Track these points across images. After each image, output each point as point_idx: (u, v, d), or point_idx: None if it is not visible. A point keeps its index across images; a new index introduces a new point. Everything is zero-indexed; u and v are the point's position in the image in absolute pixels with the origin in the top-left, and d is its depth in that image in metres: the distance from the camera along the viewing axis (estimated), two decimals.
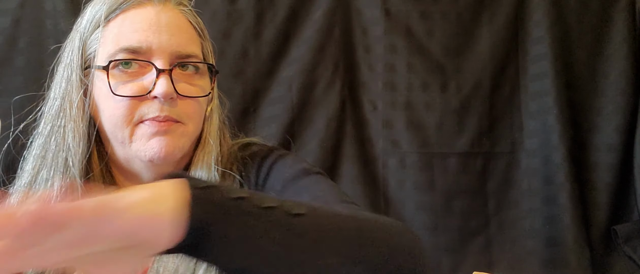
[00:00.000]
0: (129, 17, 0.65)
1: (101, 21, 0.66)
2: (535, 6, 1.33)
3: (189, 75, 0.68)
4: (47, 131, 0.68)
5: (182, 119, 0.66)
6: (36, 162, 0.68)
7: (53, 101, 0.69)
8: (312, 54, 1.29)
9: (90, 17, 0.67)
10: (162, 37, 0.65)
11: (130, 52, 0.64)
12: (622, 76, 1.32)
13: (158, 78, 0.63)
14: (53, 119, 0.67)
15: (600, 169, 1.32)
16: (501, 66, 1.35)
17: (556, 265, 1.28)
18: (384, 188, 1.31)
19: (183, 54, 0.66)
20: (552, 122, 1.31)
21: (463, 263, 1.29)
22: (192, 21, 0.71)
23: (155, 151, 0.64)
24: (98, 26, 0.66)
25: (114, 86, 0.64)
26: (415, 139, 1.31)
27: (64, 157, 0.65)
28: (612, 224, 1.32)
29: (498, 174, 1.34)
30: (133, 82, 0.65)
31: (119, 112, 0.64)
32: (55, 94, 0.69)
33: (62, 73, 0.69)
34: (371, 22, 1.33)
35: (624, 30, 1.33)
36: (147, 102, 0.64)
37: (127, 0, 0.66)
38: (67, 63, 0.68)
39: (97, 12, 0.67)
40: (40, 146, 0.68)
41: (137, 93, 0.64)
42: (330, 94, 1.30)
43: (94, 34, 0.66)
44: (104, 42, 0.65)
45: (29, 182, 0.67)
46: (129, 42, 0.64)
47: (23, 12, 1.25)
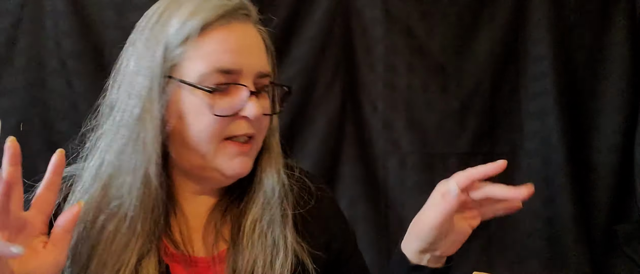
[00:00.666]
0: (220, 37, 0.67)
1: (191, 35, 0.66)
2: (535, 7, 1.34)
3: (265, 93, 0.73)
4: (125, 137, 0.67)
5: (256, 135, 0.71)
6: (107, 168, 0.68)
7: (127, 107, 0.68)
8: (312, 54, 1.29)
9: (177, 28, 0.66)
10: (250, 58, 0.69)
11: (223, 73, 0.66)
12: (622, 77, 1.33)
13: (250, 99, 0.67)
14: (131, 127, 0.67)
15: (601, 170, 1.33)
16: (501, 67, 1.35)
17: (556, 265, 1.28)
18: (384, 189, 1.32)
19: (264, 74, 0.70)
20: (552, 122, 1.31)
21: (463, 263, 1.29)
22: (265, 38, 0.74)
23: (237, 171, 0.69)
24: (186, 39, 0.66)
25: (212, 106, 0.66)
26: (416, 140, 1.31)
27: (144, 166, 0.66)
28: (612, 224, 1.32)
29: (498, 174, 1.34)
30: (223, 100, 0.67)
31: (211, 129, 0.67)
32: (129, 99, 0.68)
33: (137, 79, 0.68)
34: (371, 22, 1.33)
35: (624, 31, 1.33)
36: (235, 120, 0.68)
37: (219, 18, 0.67)
38: (147, 72, 0.67)
39: (185, 25, 0.66)
40: (113, 151, 0.68)
41: (231, 113, 0.67)
42: (331, 95, 1.30)
43: (182, 47, 0.66)
44: (193, 57, 0.66)
45: (103, 187, 0.68)
46: (222, 63, 0.66)
47: (23, 12, 1.25)
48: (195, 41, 0.66)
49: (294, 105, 1.28)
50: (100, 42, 1.25)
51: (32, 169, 1.28)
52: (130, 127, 0.67)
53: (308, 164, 1.28)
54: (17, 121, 1.23)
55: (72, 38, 1.24)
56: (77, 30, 1.24)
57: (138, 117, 0.66)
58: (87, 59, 1.24)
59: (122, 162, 0.67)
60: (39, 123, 1.23)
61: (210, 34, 0.66)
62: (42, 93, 1.24)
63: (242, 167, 0.70)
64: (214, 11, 0.66)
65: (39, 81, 1.24)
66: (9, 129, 1.22)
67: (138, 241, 0.66)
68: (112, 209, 0.66)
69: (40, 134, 1.23)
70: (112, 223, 0.66)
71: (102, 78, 1.23)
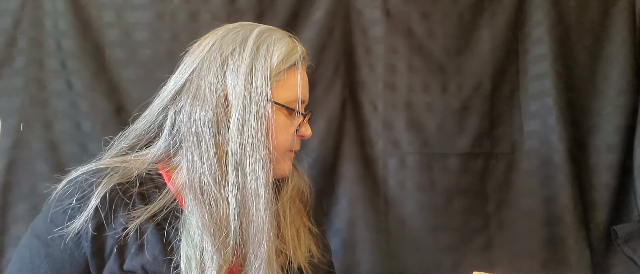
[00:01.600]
0: (301, 73, 0.85)
1: (283, 69, 0.82)
2: (535, 7, 1.34)
3: None
4: (251, 142, 0.79)
5: None
6: (235, 168, 0.79)
7: (248, 119, 0.79)
8: (312, 54, 1.29)
9: (278, 58, 0.82)
10: (308, 93, 0.87)
11: (301, 103, 0.85)
12: (622, 77, 1.33)
13: (306, 122, 0.87)
14: (253, 134, 0.79)
15: (600, 170, 1.33)
16: (501, 67, 1.35)
17: (556, 265, 1.28)
18: (384, 189, 1.32)
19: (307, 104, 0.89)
20: (552, 122, 1.31)
21: (463, 263, 1.29)
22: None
23: (286, 171, 0.88)
24: (282, 69, 0.82)
25: (297, 125, 0.85)
26: (416, 140, 1.31)
27: (268, 162, 0.79)
28: (612, 224, 1.32)
29: (498, 174, 1.34)
30: (295, 122, 0.85)
31: (287, 144, 0.84)
32: (250, 113, 0.79)
33: (255, 96, 0.79)
34: (371, 22, 1.33)
35: (624, 31, 1.33)
36: (297, 137, 0.86)
37: (299, 58, 0.84)
38: (260, 91, 0.79)
39: (280, 60, 0.82)
40: (242, 150, 0.79)
41: (300, 132, 0.86)
42: (331, 95, 1.30)
43: (279, 74, 0.82)
44: (284, 84, 0.82)
45: (236, 173, 0.78)
46: (303, 96, 0.85)
47: (23, 13, 1.25)
48: (285, 74, 0.82)
49: None
50: (100, 42, 1.25)
51: (32, 169, 1.30)
52: (253, 139, 0.79)
53: (308, 163, 1.28)
54: (17, 121, 1.23)
55: (72, 38, 1.24)
56: (77, 30, 1.24)
57: (256, 128, 0.79)
58: (87, 59, 1.24)
59: (245, 165, 0.79)
60: (39, 123, 1.23)
61: (295, 71, 0.84)
62: (42, 93, 1.24)
63: (290, 168, 0.89)
64: (299, 54, 0.84)
65: (39, 81, 1.24)
66: (9, 129, 1.22)
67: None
68: (252, 205, 0.78)
69: (40, 134, 1.23)
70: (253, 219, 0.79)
71: (102, 78, 1.25)
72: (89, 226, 0.73)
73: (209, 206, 0.77)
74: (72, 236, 0.74)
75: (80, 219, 0.73)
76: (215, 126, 0.79)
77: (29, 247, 0.76)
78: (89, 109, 1.24)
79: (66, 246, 0.74)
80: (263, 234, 0.77)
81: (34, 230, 0.78)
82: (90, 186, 0.75)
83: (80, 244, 0.74)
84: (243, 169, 0.78)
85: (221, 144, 0.79)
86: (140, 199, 0.77)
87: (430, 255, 1.30)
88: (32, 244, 0.76)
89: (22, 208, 1.22)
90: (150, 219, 0.76)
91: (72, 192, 0.75)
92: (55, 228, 0.74)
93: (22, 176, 1.22)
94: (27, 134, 1.22)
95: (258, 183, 0.78)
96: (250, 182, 0.78)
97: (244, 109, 0.78)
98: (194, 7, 1.27)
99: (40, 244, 0.75)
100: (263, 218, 0.77)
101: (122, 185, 0.77)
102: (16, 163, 1.22)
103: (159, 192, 0.79)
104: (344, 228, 1.28)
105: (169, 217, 0.77)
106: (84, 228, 0.73)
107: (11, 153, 1.22)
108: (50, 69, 1.24)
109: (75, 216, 0.74)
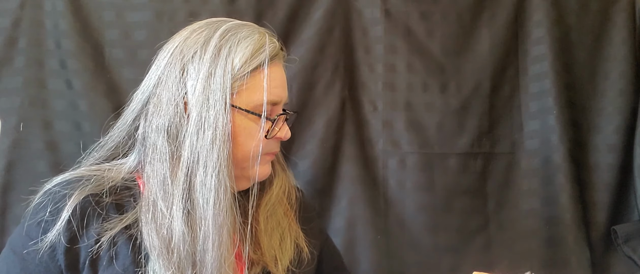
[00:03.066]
0: (272, 73, 0.79)
1: (250, 71, 0.77)
2: (535, 7, 1.34)
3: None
4: (198, 146, 0.75)
5: None
6: (186, 170, 0.75)
7: (204, 129, 0.75)
8: (312, 54, 1.29)
9: (241, 60, 0.77)
10: (284, 92, 0.83)
11: (271, 105, 0.80)
12: (622, 77, 1.33)
13: (283, 124, 0.83)
14: (208, 145, 0.75)
15: (600, 170, 1.32)
16: (501, 67, 1.35)
17: (556, 265, 1.28)
18: (384, 188, 1.32)
19: (286, 104, 0.85)
20: (552, 122, 1.31)
21: (463, 263, 1.29)
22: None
23: (264, 174, 0.83)
24: (246, 72, 0.77)
25: (265, 130, 0.79)
26: (416, 140, 1.31)
27: (216, 170, 0.75)
28: (612, 224, 1.32)
29: (498, 174, 1.34)
30: (267, 126, 0.80)
31: (256, 149, 0.79)
32: (207, 122, 0.75)
33: (213, 104, 0.75)
34: (371, 22, 1.33)
35: (624, 31, 1.33)
36: (274, 140, 0.82)
37: (268, 57, 0.79)
38: (218, 96, 0.75)
39: (244, 61, 0.77)
40: (195, 162, 0.75)
41: (272, 135, 0.81)
42: (330, 95, 1.30)
43: (242, 78, 0.77)
44: (249, 87, 0.77)
45: (188, 187, 0.75)
46: (272, 97, 0.79)
47: (23, 13, 1.25)
48: (253, 74, 0.77)
49: (293, 105, 1.28)
50: (100, 42, 1.25)
51: (32, 169, 1.30)
52: (207, 146, 0.74)
53: (308, 163, 1.28)
54: (17, 121, 1.22)
55: (71, 38, 1.24)
56: (77, 30, 1.24)
57: (212, 137, 0.75)
58: (87, 59, 1.24)
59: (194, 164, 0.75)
60: (39, 123, 1.23)
61: (264, 71, 0.78)
62: (42, 93, 1.24)
63: (268, 172, 0.85)
64: (268, 53, 0.79)
65: (39, 80, 1.24)
66: (9, 129, 1.22)
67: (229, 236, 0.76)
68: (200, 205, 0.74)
69: (40, 134, 1.23)
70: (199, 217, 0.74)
71: (102, 78, 1.25)
72: (61, 238, 0.72)
73: (156, 224, 0.73)
74: (46, 249, 0.72)
75: (53, 232, 0.72)
76: (173, 137, 0.75)
77: (6, 261, 0.75)
78: (88, 109, 1.24)
79: (41, 259, 0.72)
80: (208, 253, 0.73)
81: (11, 244, 0.76)
82: (62, 198, 0.73)
83: (55, 257, 0.73)
84: (193, 184, 0.74)
85: (176, 157, 0.75)
86: (114, 209, 0.76)
87: (430, 255, 1.29)
88: (8, 258, 0.75)
89: (21, 208, 1.21)
90: (125, 230, 0.74)
91: (46, 205, 0.73)
92: (30, 242, 0.73)
93: (22, 176, 1.22)
94: (27, 134, 1.22)
95: (209, 200, 0.73)
96: (200, 199, 0.73)
97: (200, 118, 0.74)
98: (194, 7, 1.27)
99: (16, 259, 0.74)
100: (211, 239, 0.73)
101: (95, 196, 0.75)
102: (16, 163, 1.22)
103: (134, 202, 0.77)
104: (344, 227, 1.28)
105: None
106: (58, 241, 0.72)
107: (11, 153, 1.22)
108: (49, 68, 1.24)
109: (49, 229, 0.72)
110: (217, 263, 0.73)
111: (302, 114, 1.30)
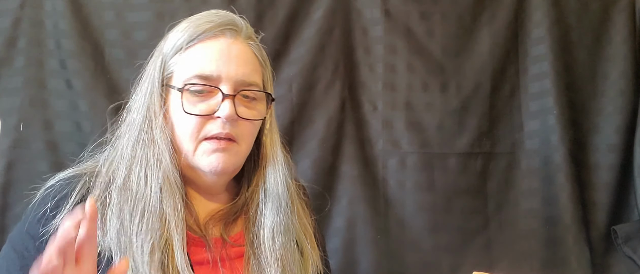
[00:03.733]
0: (205, 47, 0.76)
1: (182, 47, 0.76)
2: (535, 7, 1.34)
3: (249, 101, 0.79)
4: (135, 136, 0.76)
5: (238, 139, 0.77)
6: (128, 163, 0.75)
7: (137, 112, 0.77)
8: (312, 54, 1.29)
9: (172, 42, 0.77)
10: (230, 67, 0.76)
11: (202, 79, 0.75)
12: (622, 77, 1.33)
13: (223, 101, 0.74)
14: (140, 125, 0.75)
15: (600, 170, 1.32)
16: (501, 67, 1.35)
17: (556, 265, 1.28)
18: (384, 188, 1.31)
19: (246, 83, 0.77)
20: (552, 122, 1.31)
21: (463, 263, 1.29)
22: (257, 54, 0.81)
23: (214, 166, 0.76)
24: (178, 51, 0.76)
25: (186, 105, 0.74)
26: (415, 140, 1.31)
27: (156, 156, 0.74)
28: (612, 224, 1.32)
29: (498, 174, 1.34)
30: (202, 103, 0.75)
31: (188, 128, 0.75)
32: (139, 105, 0.77)
33: (145, 88, 0.78)
34: (371, 22, 1.33)
35: (624, 31, 1.33)
36: (211, 121, 0.75)
37: (206, 32, 0.76)
38: (150, 80, 0.77)
39: (178, 39, 0.77)
40: (128, 149, 0.76)
41: (204, 113, 0.75)
42: (330, 95, 1.30)
43: (174, 57, 0.76)
44: (181, 66, 0.76)
45: (124, 180, 0.74)
46: (202, 70, 0.75)
47: (23, 12, 1.25)
48: (185, 52, 0.76)
49: (293, 105, 1.28)
50: (100, 42, 1.25)
51: (32, 169, 1.30)
52: (140, 126, 0.75)
53: (307, 163, 1.28)
54: (17, 121, 1.22)
55: (71, 38, 1.24)
56: (77, 30, 1.24)
57: (144, 117, 0.75)
58: (87, 59, 1.24)
59: (136, 155, 0.75)
60: (39, 123, 1.23)
61: (197, 45, 0.76)
62: (42, 93, 1.24)
63: (219, 163, 0.76)
64: (203, 26, 0.76)
65: (39, 80, 1.24)
66: (9, 129, 1.22)
67: (165, 223, 0.72)
68: (137, 197, 0.72)
69: (40, 134, 1.23)
70: (139, 209, 0.72)
71: (102, 78, 1.25)
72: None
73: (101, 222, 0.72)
74: (45, 246, 0.71)
75: (52, 229, 0.70)
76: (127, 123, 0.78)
77: (6, 258, 0.75)
78: (88, 109, 1.24)
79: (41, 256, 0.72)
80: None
81: (11, 241, 0.76)
82: (63, 196, 0.73)
83: None
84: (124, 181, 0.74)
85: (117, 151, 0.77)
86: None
87: (430, 255, 1.29)
88: (8, 255, 0.75)
89: (22, 207, 1.21)
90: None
91: (46, 201, 0.73)
92: (29, 239, 0.73)
93: (22, 176, 1.21)
94: (27, 134, 1.22)
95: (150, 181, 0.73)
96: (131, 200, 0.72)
97: (138, 102, 0.77)
98: (194, 7, 1.27)
99: (15, 257, 0.73)
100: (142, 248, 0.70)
101: (96, 191, 0.75)
102: (16, 163, 1.22)
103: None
104: (344, 227, 1.28)
105: None
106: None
107: (11, 153, 1.21)
108: (49, 68, 1.24)
109: (48, 226, 0.71)
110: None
111: (302, 114, 1.30)
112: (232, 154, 0.77)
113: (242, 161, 0.81)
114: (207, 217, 0.81)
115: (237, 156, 0.78)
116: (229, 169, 0.78)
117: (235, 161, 0.78)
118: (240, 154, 0.79)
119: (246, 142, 0.79)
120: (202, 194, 0.82)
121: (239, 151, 0.78)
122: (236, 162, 0.79)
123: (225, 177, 0.82)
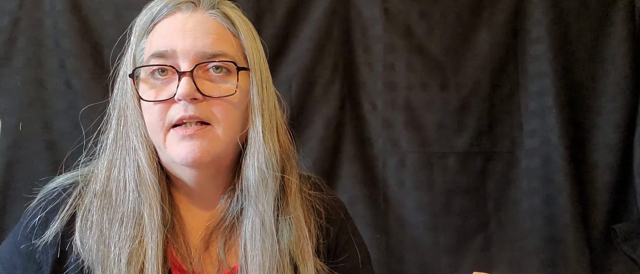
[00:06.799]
0: (161, 26, 0.68)
1: (143, 34, 0.69)
2: (534, 6, 1.34)
3: (218, 76, 0.67)
4: (112, 136, 0.70)
5: (211, 120, 0.66)
6: (107, 166, 0.70)
7: (113, 109, 0.71)
8: (311, 53, 1.29)
9: (136, 30, 0.70)
10: (186, 41, 0.66)
11: (157, 57, 0.66)
12: (622, 76, 1.33)
13: (180, 80, 0.64)
14: (116, 124, 0.70)
15: (600, 169, 1.33)
16: (501, 66, 1.35)
17: (556, 265, 1.28)
18: (384, 188, 1.31)
19: (208, 54, 0.66)
20: (551, 121, 1.31)
21: (463, 263, 1.29)
22: (224, 23, 0.70)
23: (183, 156, 0.65)
24: (142, 39, 0.69)
25: (144, 92, 0.67)
26: (415, 139, 1.31)
27: (131, 156, 0.68)
28: (611, 223, 1.32)
29: (498, 173, 1.34)
30: (163, 87, 0.67)
31: (152, 117, 0.66)
32: (115, 102, 0.71)
33: (119, 81, 0.71)
34: (371, 21, 1.33)
35: (623, 30, 1.33)
36: (175, 105, 0.66)
37: (160, 11, 0.69)
38: (124, 72, 0.70)
39: (139, 27, 0.70)
40: (107, 151, 0.71)
41: (164, 98, 0.66)
42: (330, 94, 1.30)
43: (139, 46, 0.69)
44: (145, 53, 0.68)
45: (103, 185, 0.69)
46: (157, 48, 0.66)
47: (22, 12, 1.25)
48: (147, 37, 0.69)
49: (293, 104, 1.28)
50: (99, 42, 1.25)
51: (31, 169, 1.30)
52: (116, 125, 0.70)
53: (307, 163, 1.28)
54: (16, 121, 1.22)
55: (71, 37, 1.24)
56: (76, 30, 1.24)
57: (118, 114, 0.70)
58: (86, 59, 1.24)
59: (114, 157, 0.69)
60: (38, 123, 1.23)
61: (155, 28, 0.69)
62: (41, 92, 1.24)
63: (189, 151, 0.65)
64: (157, 7, 0.69)
65: (38, 80, 1.24)
66: (8, 129, 1.22)
67: (146, 233, 0.66)
68: (117, 202, 0.67)
69: (40, 134, 1.23)
70: (118, 215, 0.67)
71: (101, 77, 1.25)
72: (49, 253, 0.68)
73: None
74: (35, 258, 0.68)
75: (45, 236, 0.68)
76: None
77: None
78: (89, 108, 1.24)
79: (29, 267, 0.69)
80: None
81: (0, 254, 0.73)
82: (55, 208, 0.69)
83: (41, 269, 0.69)
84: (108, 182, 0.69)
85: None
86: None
87: (429, 254, 1.29)
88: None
89: (21, 207, 1.21)
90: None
91: (37, 214, 0.70)
92: (18, 256, 0.69)
93: (22, 176, 1.22)
94: (26, 134, 1.22)
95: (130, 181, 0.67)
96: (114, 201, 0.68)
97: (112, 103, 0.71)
98: None
99: (3, 271, 0.70)
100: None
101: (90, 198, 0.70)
102: (15, 163, 1.22)
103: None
104: None
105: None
106: (45, 258, 0.68)
107: (10, 153, 1.22)
108: (49, 68, 1.24)
109: (38, 240, 0.68)
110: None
111: (301, 114, 1.30)
112: (207, 140, 0.66)
113: (224, 148, 0.68)
114: (203, 233, 0.72)
115: (213, 141, 0.66)
116: (204, 158, 0.65)
117: (211, 147, 0.66)
118: (219, 139, 0.66)
119: (225, 123, 0.67)
120: (196, 204, 0.73)
121: (215, 135, 0.66)
122: (213, 150, 0.66)
123: (208, 172, 0.70)
